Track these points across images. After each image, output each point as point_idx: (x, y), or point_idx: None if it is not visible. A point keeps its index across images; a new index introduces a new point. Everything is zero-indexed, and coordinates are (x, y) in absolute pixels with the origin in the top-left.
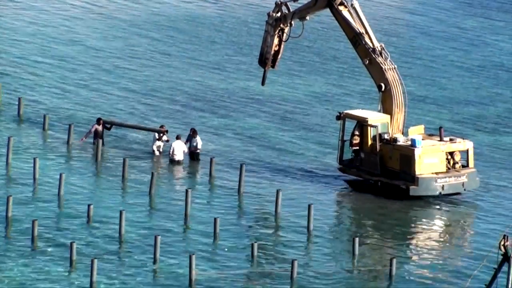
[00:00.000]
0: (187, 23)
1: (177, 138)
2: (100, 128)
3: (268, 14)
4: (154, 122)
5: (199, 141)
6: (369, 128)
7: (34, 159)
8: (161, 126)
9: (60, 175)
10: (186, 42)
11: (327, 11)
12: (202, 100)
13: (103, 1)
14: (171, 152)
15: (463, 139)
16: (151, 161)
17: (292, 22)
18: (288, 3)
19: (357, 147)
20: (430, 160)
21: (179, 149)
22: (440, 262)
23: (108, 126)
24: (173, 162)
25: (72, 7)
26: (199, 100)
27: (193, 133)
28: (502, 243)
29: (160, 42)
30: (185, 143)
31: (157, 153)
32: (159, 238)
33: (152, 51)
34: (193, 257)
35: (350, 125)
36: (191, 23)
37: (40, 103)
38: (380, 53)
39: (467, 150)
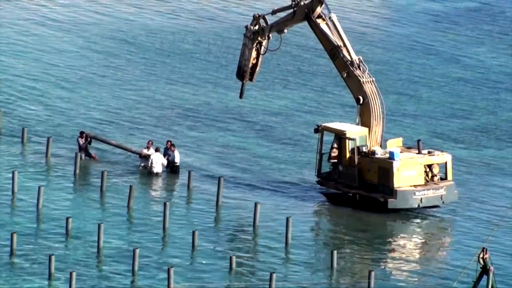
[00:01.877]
0: (164, 37)
1: (156, 150)
2: (83, 141)
3: (246, 27)
4: (132, 136)
5: (177, 155)
6: (347, 141)
7: (13, 172)
8: (149, 142)
9: (39, 188)
10: (164, 56)
11: (305, 24)
12: (181, 113)
13: (80, 13)
14: (149, 165)
15: (442, 151)
16: (130, 174)
17: (270, 35)
18: (266, 16)
19: (335, 160)
20: (408, 173)
21: (158, 161)
22: (419, 274)
23: (88, 139)
24: (151, 174)
25: (49, 20)
26: (178, 114)
27: (170, 147)
28: (481, 255)
29: (137, 56)
30: (164, 155)
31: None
32: (137, 250)
33: (130, 65)
34: (172, 269)
35: (328, 138)
36: (169, 37)
37: (19, 116)
38: (358, 66)
39: (446, 163)
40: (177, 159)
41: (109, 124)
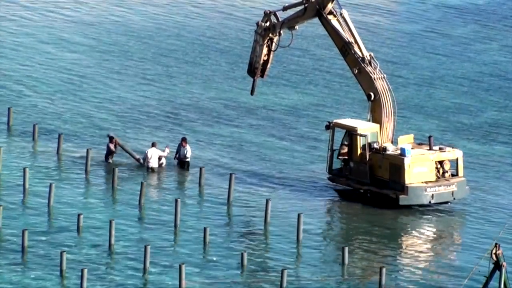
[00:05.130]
0: (176, 34)
1: (153, 145)
2: (113, 145)
3: (257, 24)
4: (144, 132)
5: (189, 150)
6: (358, 137)
7: (24, 169)
8: (166, 146)
9: (50, 185)
10: (176, 53)
11: (316, 20)
12: (192, 109)
13: (93, 10)
14: (146, 159)
15: (453, 148)
16: (141, 171)
17: (281, 32)
18: (277, 12)
19: (347, 157)
20: (419, 169)
21: (154, 156)
22: (430, 271)
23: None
24: (147, 169)
25: (60, 17)
26: (189, 110)
27: (182, 142)
28: (494, 251)
29: (148, 54)
30: (175, 153)
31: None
32: (148, 247)
33: (141, 63)
34: (183, 266)
35: (339, 134)
36: (180, 34)
37: (30, 113)
38: (369, 62)
39: (457, 159)
40: (189, 154)
41: (120, 120)
